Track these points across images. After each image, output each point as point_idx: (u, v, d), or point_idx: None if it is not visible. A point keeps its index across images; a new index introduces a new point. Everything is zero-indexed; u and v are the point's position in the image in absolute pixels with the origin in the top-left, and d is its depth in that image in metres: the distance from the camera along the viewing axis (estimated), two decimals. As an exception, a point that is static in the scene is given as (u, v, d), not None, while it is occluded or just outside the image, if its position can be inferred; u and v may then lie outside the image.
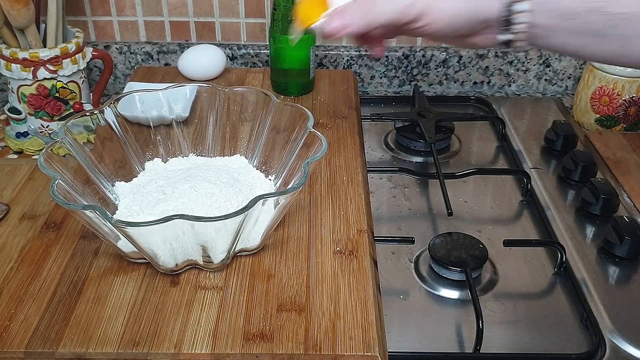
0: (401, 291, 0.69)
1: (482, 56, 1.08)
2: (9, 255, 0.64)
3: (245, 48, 1.07)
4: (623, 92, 0.94)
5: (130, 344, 0.54)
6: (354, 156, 0.80)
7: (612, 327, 0.64)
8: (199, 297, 0.59)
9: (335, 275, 0.62)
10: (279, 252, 0.64)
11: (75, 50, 0.85)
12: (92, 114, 0.68)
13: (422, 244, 0.75)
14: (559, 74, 1.10)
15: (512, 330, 0.65)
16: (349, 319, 0.57)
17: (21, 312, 0.57)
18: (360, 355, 0.54)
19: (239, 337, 0.55)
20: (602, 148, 0.91)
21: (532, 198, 0.83)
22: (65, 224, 0.68)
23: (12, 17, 0.79)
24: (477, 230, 0.77)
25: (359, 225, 0.68)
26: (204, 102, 0.74)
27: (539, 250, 0.75)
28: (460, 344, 0.64)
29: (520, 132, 0.98)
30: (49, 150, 0.61)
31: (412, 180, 0.87)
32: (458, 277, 0.70)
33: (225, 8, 1.05)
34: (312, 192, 0.73)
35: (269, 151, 0.72)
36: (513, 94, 1.11)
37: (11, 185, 0.75)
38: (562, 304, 0.68)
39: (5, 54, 0.82)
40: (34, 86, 0.84)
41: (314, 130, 0.65)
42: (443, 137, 0.94)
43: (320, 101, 0.93)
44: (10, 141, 0.88)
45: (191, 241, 0.58)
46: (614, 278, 0.71)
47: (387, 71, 1.09)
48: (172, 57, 1.07)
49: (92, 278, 0.61)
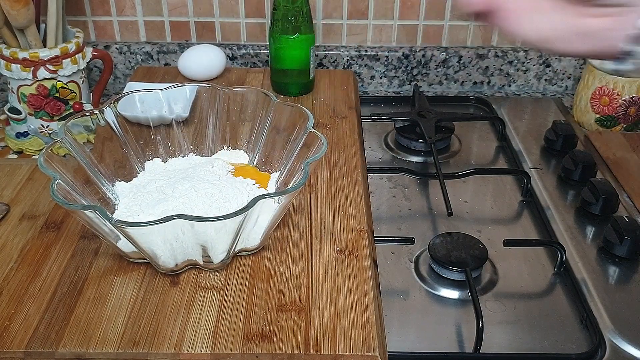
0: (401, 291, 0.69)
1: (482, 56, 1.08)
2: (9, 255, 0.64)
3: (245, 48, 1.07)
4: (623, 92, 0.94)
5: (130, 344, 0.54)
6: (354, 156, 0.80)
7: (612, 327, 0.64)
8: (199, 297, 0.59)
9: (335, 275, 0.62)
10: (279, 252, 0.64)
11: (75, 50, 0.85)
12: (92, 114, 0.68)
13: (422, 244, 0.75)
14: (559, 74, 1.10)
15: (512, 330, 0.65)
16: (349, 319, 0.57)
17: (21, 312, 0.57)
18: (360, 355, 0.54)
19: (239, 337, 0.55)
20: (602, 148, 0.91)
21: (532, 198, 0.83)
22: (65, 224, 0.68)
23: (12, 17, 0.79)
24: (477, 230, 0.77)
25: (359, 225, 0.68)
26: (204, 102, 0.74)
27: (539, 250, 0.75)
28: (460, 344, 0.64)
29: (520, 132, 0.98)
30: (49, 150, 0.61)
31: (412, 180, 0.87)
32: (458, 277, 0.70)
33: (225, 8, 1.05)
34: (312, 192, 0.73)
35: (269, 151, 0.72)
36: (513, 94, 1.11)
37: (11, 185, 0.75)
38: (562, 304, 0.68)
39: (5, 54, 0.82)
40: (34, 86, 0.84)
41: (314, 130, 0.65)
42: (443, 137, 0.94)
43: (320, 101, 0.93)
44: (10, 141, 0.88)
45: (191, 241, 0.58)
46: (614, 278, 0.71)
47: (387, 71, 1.09)
48: (172, 57, 1.07)
49: (92, 278, 0.61)
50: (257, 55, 1.08)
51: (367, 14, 1.05)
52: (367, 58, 1.08)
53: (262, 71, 1.01)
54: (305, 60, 0.92)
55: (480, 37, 1.08)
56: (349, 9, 1.05)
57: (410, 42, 1.08)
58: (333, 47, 1.08)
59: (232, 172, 0.69)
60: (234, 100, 0.73)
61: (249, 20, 1.06)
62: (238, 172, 0.69)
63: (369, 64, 1.08)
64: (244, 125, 0.74)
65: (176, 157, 0.74)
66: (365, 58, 1.08)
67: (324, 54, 1.07)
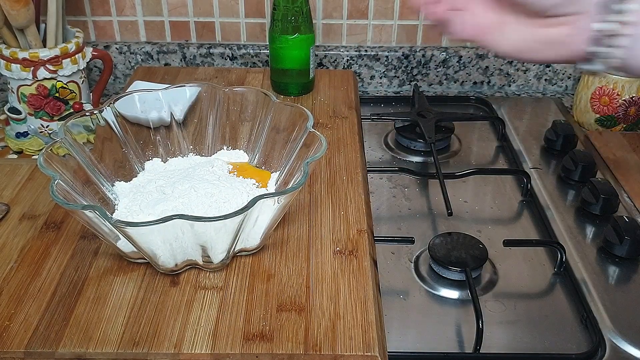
0: (401, 291, 0.69)
1: (482, 56, 1.08)
2: (8, 255, 0.64)
3: (245, 48, 1.07)
4: (623, 92, 0.94)
5: (130, 344, 0.54)
6: (354, 156, 0.80)
7: (612, 327, 0.64)
8: (199, 297, 0.59)
9: (335, 275, 0.62)
10: (279, 252, 0.64)
11: (75, 50, 0.85)
12: (92, 114, 0.68)
13: (422, 244, 0.75)
14: (559, 73, 1.10)
15: (512, 330, 0.65)
16: (349, 319, 0.57)
17: (21, 312, 0.57)
18: (360, 355, 0.54)
19: (239, 337, 0.55)
20: (602, 148, 0.91)
21: (532, 198, 0.83)
22: (65, 224, 0.68)
23: (12, 17, 0.79)
24: (477, 230, 0.77)
25: (359, 225, 0.68)
26: (204, 102, 0.74)
27: (539, 250, 0.75)
28: (460, 344, 0.64)
29: (520, 132, 0.98)
30: (48, 150, 0.61)
31: (412, 180, 0.87)
32: (458, 277, 0.70)
33: (225, 8, 1.05)
34: (312, 192, 0.73)
35: (268, 151, 0.72)
36: (513, 94, 1.11)
37: (11, 185, 0.75)
38: (562, 304, 0.68)
39: (5, 54, 0.82)
40: (34, 86, 0.84)
41: (313, 130, 0.65)
42: (443, 137, 0.94)
43: (320, 101, 0.93)
44: (10, 141, 0.88)
45: (191, 241, 0.58)
46: (614, 278, 0.71)
47: (387, 71, 1.09)
48: (172, 57, 1.07)
49: (92, 278, 0.61)
50: (257, 55, 1.08)
51: (367, 14, 1.05)
52: (367, 58, 1.08)
53: (262, 71, 1.01)
54: (305, 60, 0.92)
55: (480, 37, 1.08)
56: (349, 9, 1.05)
57: (410, 42, 1.08)
58: (333, 47, 1.08)
59: (230, 171, 0.69)
60: (233, 100, 0.73)
61: (249, 20, 1.06)
62: (239, 172, 0.69)
63: (369, 64, 1.08)
64: (243, 125, 0.74)
65: (176, 157, 0.74)
66: (365, 58, 1.08)
67: (324, 54, 1.07)
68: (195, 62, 1.08)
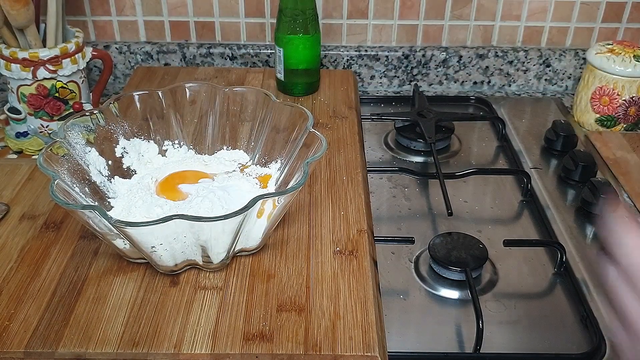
0: (401, 291, 0.69)
1: (482, 56, 1.08)
2: (8, 255, 0.64)
3: (245, 48, 1.07)
4: (623, 92, 0.94)
5: (130, 344, 0.54)
6: (354, 156, 0.80)
7: (612, 327, 0.64)
8: (199, 297, 0.59)
9: (335, 276, 0.62)
10: (279, 252, 0.64)
11: (75, 50, 0.85)
12: (92, 114, 0.68)
13: (422, 244, 0.75)
14: (559, 73, 1.10)
15: (512, 330, 0.65)
16: (349, 319, 0.57)
17: (21, 312, 0.57)
18: (360, 355, 0.54)
19: (239, 337, 0.55)
20: (602, 148, 0.91)
21: (532, 198, 0.83)
22: (65, 224, 0.68)
23: (12, 17, 0.79)
24: (477, 230, 0.77)
25: (359, 226, 0.68)
26: (204, 102, 0.74)
27: (539, 250, 0.75)
28: (460, 344, 0.64)
29: (520, 132, 0.98)
30: (48, 150, 0.61)
31: (412, 180, 0.87)
32: (458, 277, 0.70)
33: (225, 8, 1.05)
34: (312, 192, 0.73)
35: (268, 151, 0.72)
36: (513, 93, 1.10)
37: (11, 185, 0.75)
38: (562, 304, 0.68)
39: (5, 54, 0.82)
40: (34, 86, 0.84)
41: (313, 130, 0.65)
42: (443, 137, 0.94)
43: (320, 101, 0.93)
44: (10, 141, 0.87)
45: (190, 241, 0.58)
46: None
47: (387, 71, 1.09)
48: (172, 57, 1.07)
49: (91, 278, 0.61)
50: (257, 55, 1.08)
51: (367, 13, 1.05)
52: (367, 58, 1.08)
53: (262, 71, 1.01)
54: (315, 59, 0.92)
55: (480, 37, 1.08)
56: (349, 9, 1.05)
57: (410, 42, 1.08)
58: (333, 47, 1.08)
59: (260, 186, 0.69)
60: (233, 100, 0.73)
61: (249, 20, 1.06)
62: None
63: (369, 63, 1.08)
64: (243, 125, 0.74)
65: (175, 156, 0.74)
66: (365, 58, 1.08)
67: (324, 54, 1.07)
68: (195, 62, 1.08)
